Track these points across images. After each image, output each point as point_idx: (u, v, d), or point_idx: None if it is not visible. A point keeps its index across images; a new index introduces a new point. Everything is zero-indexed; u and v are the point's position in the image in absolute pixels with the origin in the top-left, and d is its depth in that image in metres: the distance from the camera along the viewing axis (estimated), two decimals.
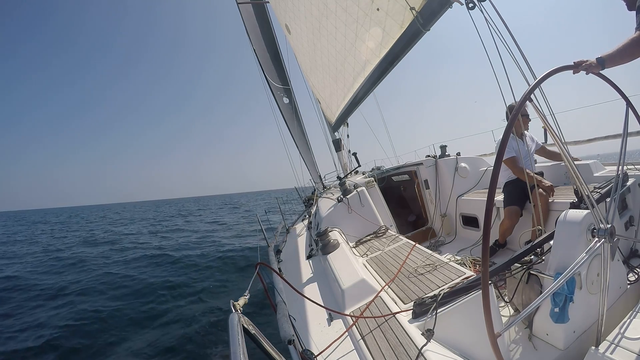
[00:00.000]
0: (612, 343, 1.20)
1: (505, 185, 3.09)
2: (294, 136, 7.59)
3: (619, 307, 1.56)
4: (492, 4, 2.11)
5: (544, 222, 2.49)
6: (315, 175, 7.83)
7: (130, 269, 9.51)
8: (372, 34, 3.76)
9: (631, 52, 1.48)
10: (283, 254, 3.73)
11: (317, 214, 4.02)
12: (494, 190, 1.05)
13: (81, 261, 11.31)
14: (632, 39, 1.47)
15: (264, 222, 5.38)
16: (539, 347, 1.50)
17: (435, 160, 4.49)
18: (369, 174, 4.65)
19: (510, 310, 1.79)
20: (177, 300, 6.74)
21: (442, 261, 2.20)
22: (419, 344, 1.37)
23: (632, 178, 2.28)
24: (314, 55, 5.62)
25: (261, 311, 5.22)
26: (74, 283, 8.44)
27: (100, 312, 6.11)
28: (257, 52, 6.88)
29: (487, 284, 1.02)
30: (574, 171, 1.32)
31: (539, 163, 3.46)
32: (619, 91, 1.55)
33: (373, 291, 1.97)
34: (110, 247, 14.42)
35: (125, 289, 7.59)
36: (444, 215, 4.27)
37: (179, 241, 14.19)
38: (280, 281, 1.98)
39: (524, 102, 1.19)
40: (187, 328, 5.19)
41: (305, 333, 1.74)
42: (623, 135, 1.49)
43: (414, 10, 2.96)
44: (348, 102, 5.67)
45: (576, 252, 1.37)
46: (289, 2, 5.28)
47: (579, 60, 1.47)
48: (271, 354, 0.98)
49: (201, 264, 9.36)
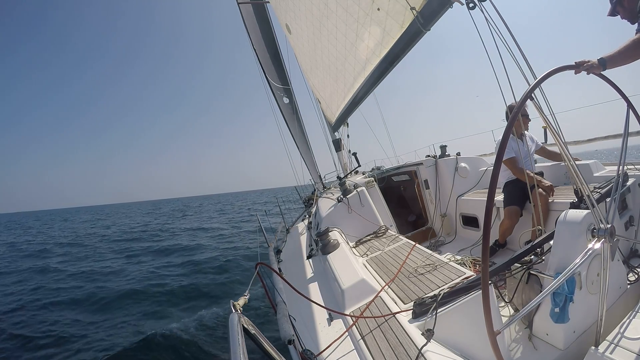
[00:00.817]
0: (612, 343, 1.20)
1: (505, 185, 3.08)
2: (294, 136, 7.59)
3: (619, 307, 1.56)
4: (493, 4, 2.10)
5: (544, 222, 2.48)
6: (315, 175, 7.83)
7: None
8: (372, 34, 3.76)
9: (633, 53, 1.48)
10: (283, 254, 3.73)
11: (317, 214, 4.03)
12: (494, 190, 1.05)
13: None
14: (634, 40, 1.47)
15: (264, 223, 5.38)
16: (539, 347, 1.50)
17: (435, 160, 4.48)
18: (369, 174, 4.65)
19: (510, 310, 1.78)
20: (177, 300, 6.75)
21: (442, 261, 2.20)
22: (419, 344, 1.37)
23: (632, 178, 2.28)
24: (314, 55, 5.62)
25: (261, 311, 5.23)
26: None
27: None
28: (257, 52, 6.88)
29: (487, 284, 1.02)
30: (574, 171, 1.32)
31: (539, 163, 3.46)
32: (619, 92, 1.55)
33: (373, 291, 1.97)
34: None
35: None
36: (444, 215, 4.27)
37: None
38: (280, 281, 1.98)
39: (524, 101, 1.19)
40: (187, 328, 5.20)
41: (305, 333, 1.74)
42: (623, 136, 1.49)
43: (414, 10, 2.95)
44: (348, 102, 5.67)
45: (576, 252, 1.37)
46: (289, 1, 5.27)
47: (581, 60, 1.46)
48: (271, 354, 0.98)
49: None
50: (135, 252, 13.11)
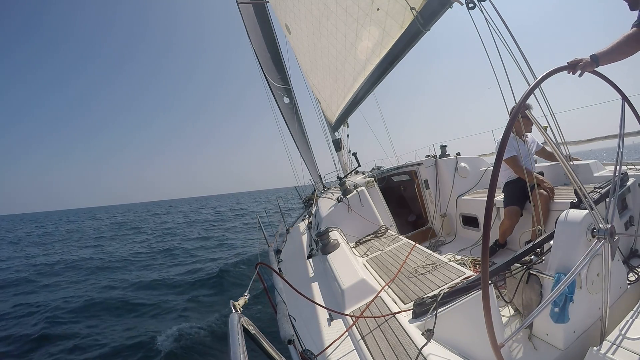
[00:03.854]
0: (613, 343, 1.20)
1: (505, 185, 3.08)
2: (294, 136, 7.59)
3: (619, 307, 1.56)
4: (492, 4, 2.11)
5: (544, 222, 2.48)
6: (315, 175, 7.83)
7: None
8: (372, 34, 3.76)
9: (625, 49, 1.46)
10: (283, 254, 3.73)
11: (317, 214, 4.03)
12: (494, 190, 1.05)
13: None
14: (627, 35, 1.45)
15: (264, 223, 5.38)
16: (539, 347, 1.50)
17: (435, 160, 4.49)
18: (369, 174, 4.65)
19: (510, 310, 1.78)
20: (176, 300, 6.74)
21: (442, 261, 2.20)
22: (419, 344, 1.37)
23: (632, 178, 2.28)
24: (314, 55, 5.62)
25: (262, 311, 5.22)
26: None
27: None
28: (257, 52, 6.88)
29: (487, 284, 1.02)
30: (570, 173, 1.32)
31: (539, 163, 3.46)
32: (614, 87, 1.54)
33: (373, 291, 1.97)
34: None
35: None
36: (444, 215, 4.27)
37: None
38: (280, 281, 1.98)
39: (523, 102, 1.19)
40: (187, 328, 5.20)
41: (305, 333, 1.74)
42: (620, 130, 1.48)
43: (414, 10, 2.96)
44: (348, 102, 5.67)
45: (576, 252, 1.37)
46: (289, 2, 5.27)
47: (574, 59, 1.45)
48: (271, 354, 0.98)
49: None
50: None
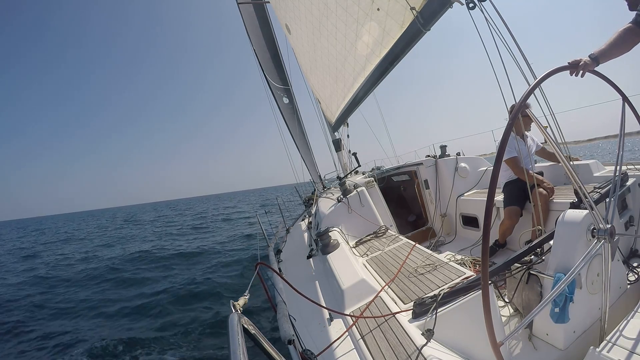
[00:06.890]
0: (612, 343, 1.20)
1: (505, 185, 3.08)
2: (294, 136, 7.59)
3: (619, 307, 1.56)
4: (493, 4, 2.11)
5: (544, 222, 2.48)
6: (315, 175, 7.83)
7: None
8: (372, 34, 3.76)
9: (623, 45, 1.46)
10: (283, 254, 3.73)
11: (317, 214, 4.03)
12: (494, 190, 1.05)
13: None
14: (623, 30, 1.45)
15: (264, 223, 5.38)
16: (539, 347, 1.50)
17: (435, 160, 4.49)
18: (369, 174, 4.65)
19: (510, 310, 1.79)
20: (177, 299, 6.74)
21: (442, 261, 2.20)
22: (419, 344, 1.37)
23: (632, 178, 2.28)
24: (314, 55, 5.62)
25: (261, 311, 5.22)
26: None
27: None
28: (257, 52, 6.88)
29: (487, 284, 1.02)
30: (570, 172, 1.32)
31: (539, 163, 3.46)
32: (614, 86, 1.54)
33: (373, 291, 1.97)
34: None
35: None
36: (444, 215, 4.27)
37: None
38: (280, 281, 1.98)
39: (523, 102, 1.19)
40: (187, 328, 5.19)
41: (305, 333, 1.74)
42: (620, 130, 1.48)
43: (414, 10, 2.95)
44: (348, 102, 5.67)
45: (576, 252, 1.37)
46: (289, 2, 5.27)
47: (574, 60, 1.45)
48: (271, 354, 0.98)
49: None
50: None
